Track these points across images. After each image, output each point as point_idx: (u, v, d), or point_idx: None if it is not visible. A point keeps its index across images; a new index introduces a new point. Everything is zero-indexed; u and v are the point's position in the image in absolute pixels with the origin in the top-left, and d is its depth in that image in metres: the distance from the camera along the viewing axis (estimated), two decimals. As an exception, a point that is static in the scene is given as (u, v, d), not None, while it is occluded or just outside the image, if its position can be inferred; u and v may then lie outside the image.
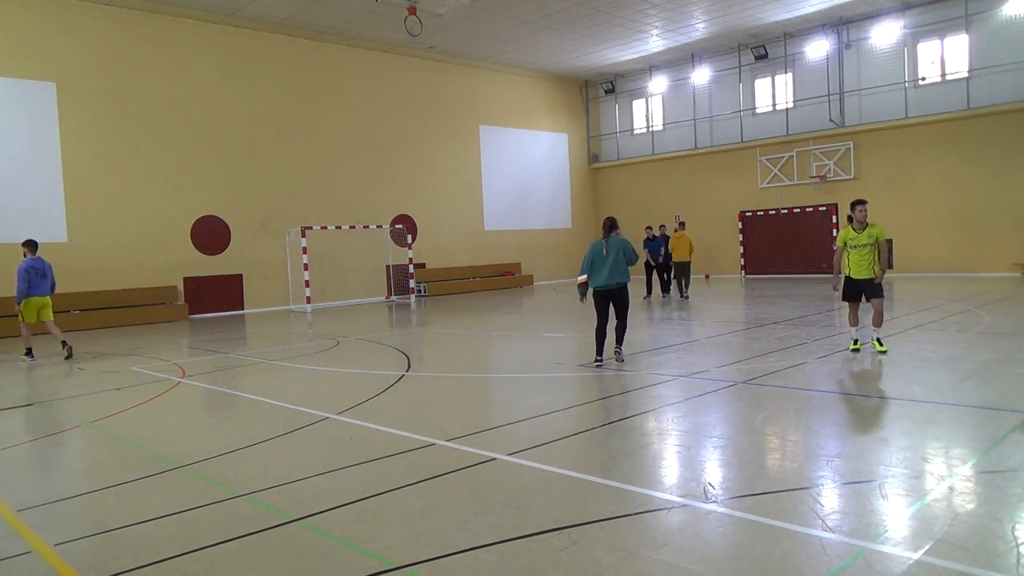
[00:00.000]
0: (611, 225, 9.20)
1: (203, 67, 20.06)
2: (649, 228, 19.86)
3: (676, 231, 18.90)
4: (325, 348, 12.29)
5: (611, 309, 9.25)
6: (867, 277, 8.91)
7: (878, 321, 8.97)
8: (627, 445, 5.57)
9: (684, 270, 18.69)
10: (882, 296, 8.93)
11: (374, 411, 7.10)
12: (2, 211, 17.03)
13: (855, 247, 8.97)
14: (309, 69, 22.11)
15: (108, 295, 18.36)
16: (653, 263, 19.02)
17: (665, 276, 19.16)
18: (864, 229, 8.94)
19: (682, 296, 18.41)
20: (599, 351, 9.16)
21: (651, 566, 3.43)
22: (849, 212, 9.23)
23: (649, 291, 19.18)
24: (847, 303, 9.31)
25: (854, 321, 9.34)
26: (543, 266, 28.99)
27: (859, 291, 9.04)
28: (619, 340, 9.35)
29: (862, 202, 9.01)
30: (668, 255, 18.79)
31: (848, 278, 9.08)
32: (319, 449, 5.82)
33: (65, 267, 17.87)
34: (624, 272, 9.06)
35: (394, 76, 24.13)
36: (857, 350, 9.10)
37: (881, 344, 8.96)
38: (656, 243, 18.92)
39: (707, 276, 26.75)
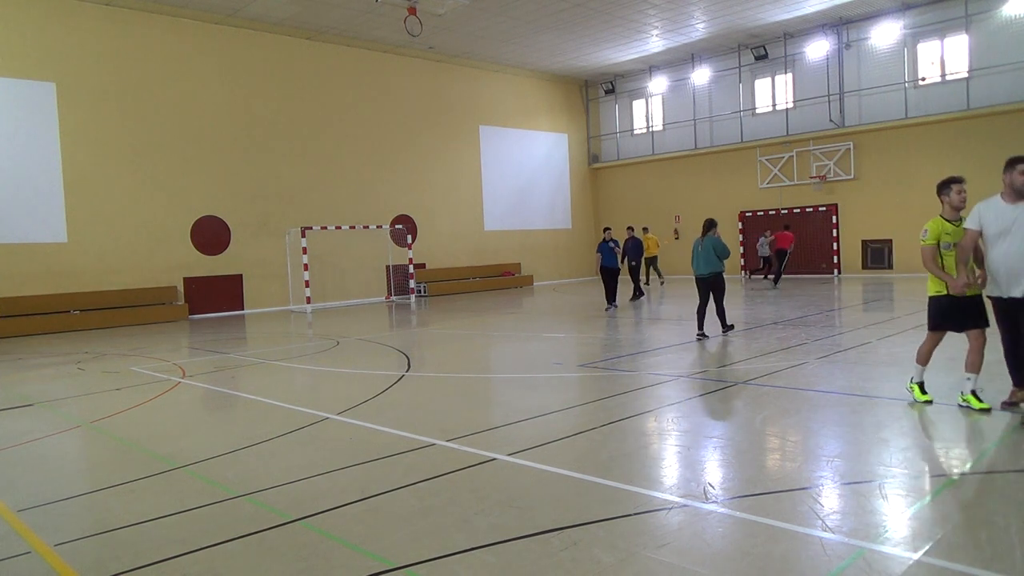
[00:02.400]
0: (708, 225, 11.30)
1: (203, 67, 20.06)
2: (631, 229, 19.86)
3: (634, 235, 19.30)
4: (325, 348, 12.29)
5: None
6: (975, 292, 6.00)
7: (978, 363, 5.97)
8: (627, 445, 5.57)
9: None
10: (987, 324, 6.03)
11: (374, 411, 7.09)
12: (2, 211, 17.03)
13: (951, 247, 5.99)
14: (309, 69, 22.11)
15: (108, 295, 18.35)
16: (632, 264, 18.83)
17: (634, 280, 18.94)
18: (960, 220, 6.09)
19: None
20: (700, 326, 11.11)
21: (651, 566, 3.43)
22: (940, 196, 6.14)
23: (637, 293, 18.76)
24: (934, 332, 6.29)
25: (927, 358, 6.38)
26: (543, 266, 28.99)
27: (963, 315, 6.02)
28: (721, 320, 11.26)
29: (959, 180, 6.08)
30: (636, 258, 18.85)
31: (945, 297, 6.03)
32: (319, 449, 5.82)
33: (65, 267, 17.93)
34: (713, 263, 11.06)
35: (394, 76, 24.13)
36: (929, 402, 6.30)
37: (980, 399, 6.00)
38: (627, 245, 18.68)
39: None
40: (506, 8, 20.53)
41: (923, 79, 22.23)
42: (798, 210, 24.99)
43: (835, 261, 24.27)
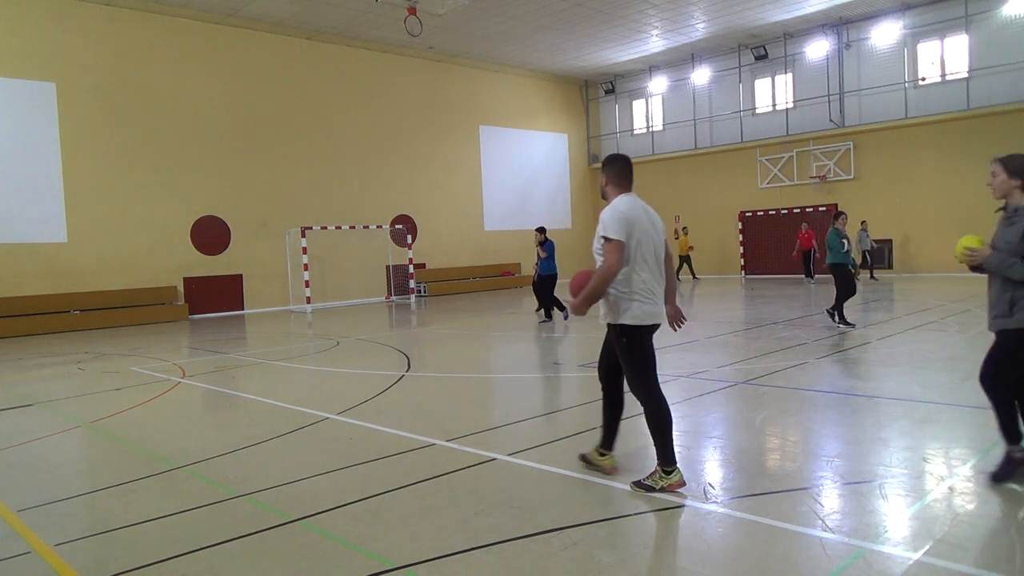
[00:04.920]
0: (834, 216, 12.10)
1: (203, 67, 20.06)
2: (542, 230, 15.44)
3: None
4: (325, 348, 12.29)
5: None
6: None
7: None
8: (628, 445, 5.56)
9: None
10: None
11: (374, 411, 7.09)
12: (2, 211, 17.03)
13: None
14: (309, 69, 22.11)
15: (108, 295, 18.35)
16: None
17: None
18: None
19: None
20: (839, 315, 11.71)
21: (651, 566, 3.43)
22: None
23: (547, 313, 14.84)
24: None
25: None
26: (543, 266, 28.94)
27: None
28: (832, 310, 11.57)
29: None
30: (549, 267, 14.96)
31: None
32: (319, 449, 5.82)
33: (65, 267, 17.93)
34: (831, 254, 11.55)
35: (394, 76, 24.13)
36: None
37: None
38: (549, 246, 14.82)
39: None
40: (506, 8, 20.53)
41: (923, 79, 22.23)
42: (798, 210, 24.98)
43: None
